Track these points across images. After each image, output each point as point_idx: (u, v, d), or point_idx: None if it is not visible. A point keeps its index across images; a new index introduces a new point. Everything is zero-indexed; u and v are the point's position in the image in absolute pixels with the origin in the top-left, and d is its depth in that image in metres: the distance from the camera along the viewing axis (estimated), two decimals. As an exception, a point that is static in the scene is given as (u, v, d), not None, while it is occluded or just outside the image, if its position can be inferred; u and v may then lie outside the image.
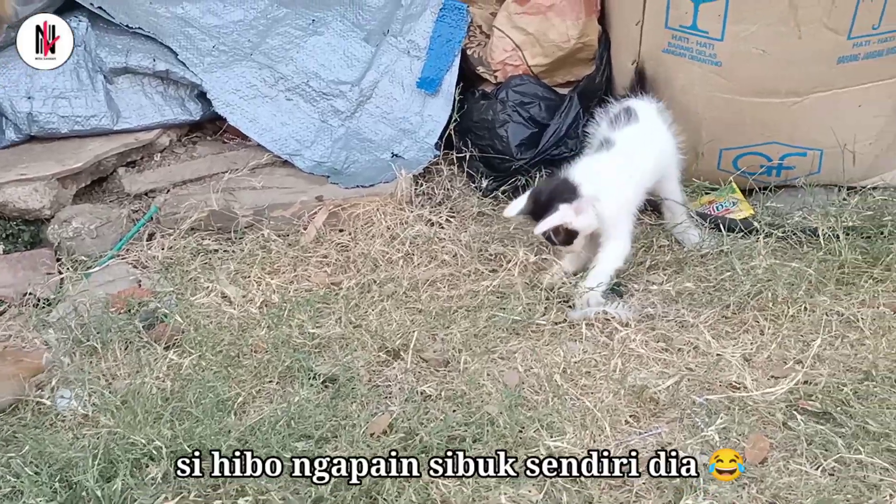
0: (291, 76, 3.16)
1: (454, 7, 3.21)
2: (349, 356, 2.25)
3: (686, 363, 2.18)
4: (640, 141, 2.57)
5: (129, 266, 2.69)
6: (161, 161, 3.07)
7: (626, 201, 2.50)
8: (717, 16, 2.61)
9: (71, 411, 2.10)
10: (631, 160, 2.52)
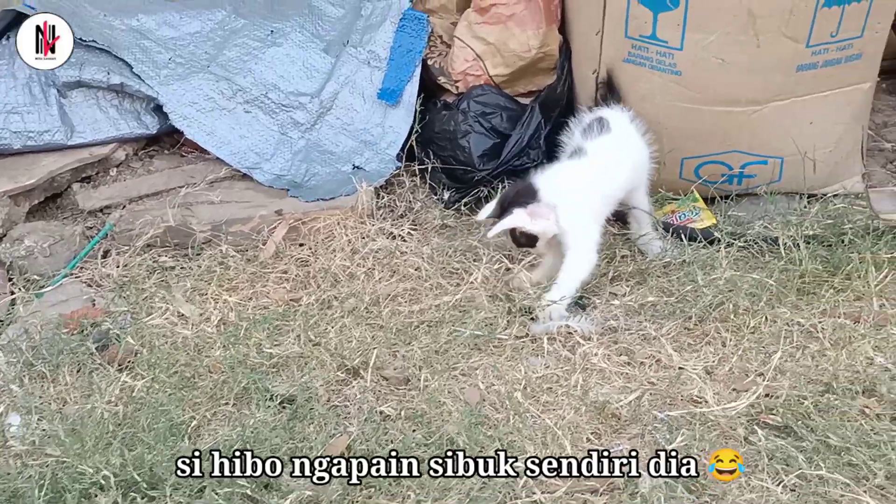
0: (250, 88, 3.12)
1: (414, 17, 3.18)
2: (307, 376, 2.21)
3: (648, 377, 2.16)
4: (613, 152, 2.55)
5: (82, 285, 2.64)
6: (117, 176, 3.01)
7: (592, 211, 2.49)
8: (675, 25, 2.60)
9: (20, 439, 2.04)
10: (601, 171, 2.50)
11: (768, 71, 2.61)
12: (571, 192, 2.46)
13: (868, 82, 2.73)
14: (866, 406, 1.98)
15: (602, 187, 2.51)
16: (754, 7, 2.50)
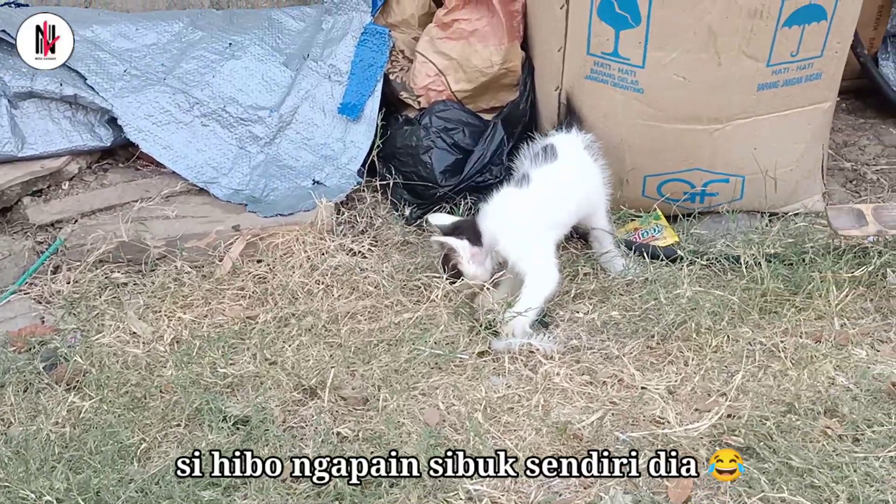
0: (207, 101, 3.06)
1: (376, 31, 3.15)
2: (262, 396, 2.15)
3: (610, 397, 2.13)
4: (559, 179, 2.53)
5: (31, 301, 2.56)
6: (69, 190, 2.94)
7: (538, 238, 2.47)
8: (637, 43, 2.60)
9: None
10: (546, 199, 2.50)
11: (729, 89, 2.62)
12: (515, 221, 2.47)
13: (828, 102, 2.75)
14: (828, 427, 1.96)
15: (548, 215, 2.51)
16: (715, 25, 2.51)
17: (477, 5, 3.03)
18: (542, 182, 2.52)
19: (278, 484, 1.89)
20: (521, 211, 2.49)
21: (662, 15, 2.52)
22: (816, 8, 2.51)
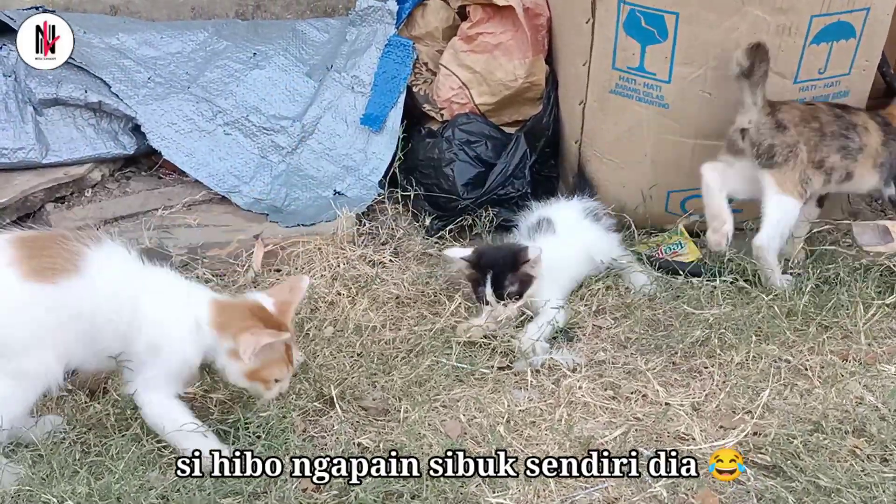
0: (231, 110, 3.07)
1: (399, 43, 3.16)
2: (284, 405, 2.14)
3: (634, 412, 2.12)
4: (554, 255, 2.49)
5: (53, 307, 2.55)
6: (92, 197, 2.95)
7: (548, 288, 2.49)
8: (664, 58, 2.59)
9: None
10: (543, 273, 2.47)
11: (756, 106, 2.60)
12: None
13: (855, 119, 2.73)
14: (856, 446, 1.94)
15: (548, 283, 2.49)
16: (743, 42, 2.49)
17: (502, 19, 3.03)
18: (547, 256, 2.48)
19: (299, 493, 1.87)
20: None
21: (690, 31, 2.52)
22: (845, 26, 2.50)
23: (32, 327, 1.81)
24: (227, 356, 1.96)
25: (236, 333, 1.92)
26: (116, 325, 1.90)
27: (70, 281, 1.83)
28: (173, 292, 2.01)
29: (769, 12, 2.46)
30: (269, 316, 1.99)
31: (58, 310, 1.82)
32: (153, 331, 1.92)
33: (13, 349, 1.80)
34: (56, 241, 1.88)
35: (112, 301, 1.89)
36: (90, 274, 1.86)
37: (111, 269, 1.91)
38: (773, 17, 2.46)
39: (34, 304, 1.81)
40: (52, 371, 1.84)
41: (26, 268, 1.80)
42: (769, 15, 2.46)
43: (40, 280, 1.81)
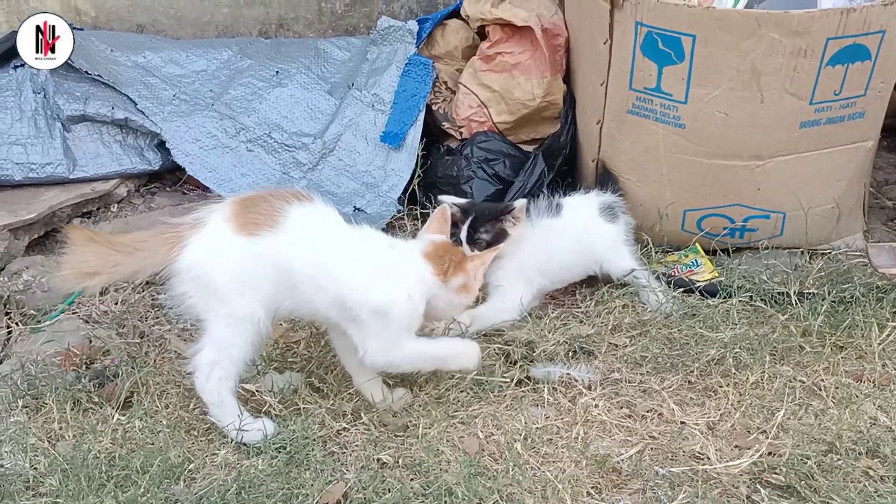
0: (253, 127, 3.13)
1: (420, 62, 3.20)
2: (305, 420, 2.18)
3: (649, 431, 2.14)
4: (552, 236, 2.60)
5: (80, 321, 2.61)
6: (118, 212, 3.01)
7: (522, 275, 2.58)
8: (680, 79, 2.62)
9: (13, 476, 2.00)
10: (537, 249, 2.57)
11: (772, 127, 2.63)
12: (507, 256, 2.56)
13: (870, 140, 2.76)
14: (870, 467, 1.96)
15: (537, 264, 2.59)
16: (758, 64, 2.52)
17: (520, 39, 3.07)
18: (539, 233, 2.60)
19: (322, 507, 1.92)
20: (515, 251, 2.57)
21: (706, 53, 2.55)
22: (860, 48, 2.52)
23: (239, 275, 2.02)
24: (455, 292, 2.14)
25: (462, 268, 2.14)
26: (314, 280, 2.04)
27: (268, 235, 2.01)
28: (383, 255, 2.13)
29: (785, 35, 2.48)
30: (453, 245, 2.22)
31: (257, 261, 2.01)
32: (375, 297, 2.05)
33: (226, 294, 2.03)
34: (265, 199, 2.08)
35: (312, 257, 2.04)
36: (286, 229, 2.02)
37: (310, 225, 2.06)
38: (789, 40, 2.48)
39: (240, 254, 2.02)
40: (258, 316, 2.05)
41: (237, 223, 2.02)
42: (785, 37, 2.48)
43: (245, 233, 2.01)
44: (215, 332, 2.07)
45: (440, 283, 2.13)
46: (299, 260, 2.03)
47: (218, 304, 2.05)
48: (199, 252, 2.04)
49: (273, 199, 2.06)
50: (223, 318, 2.06)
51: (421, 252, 2.15)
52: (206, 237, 2.04)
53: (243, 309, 2.04)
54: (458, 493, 1.93)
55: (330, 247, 2.06)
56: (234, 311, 2.05)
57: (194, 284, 2.05)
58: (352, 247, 2.10)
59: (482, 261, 2.18)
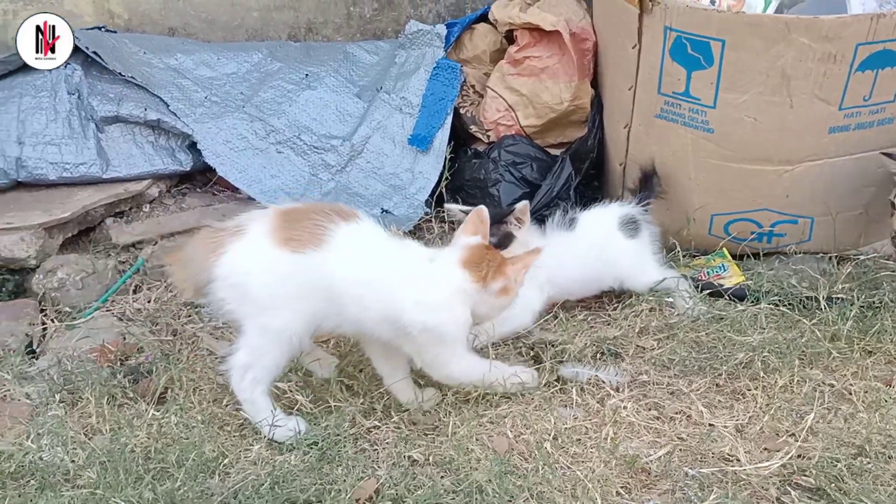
0: (283, 129, 3.16)
1: (448, 66, 3.23)
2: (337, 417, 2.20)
3: (678, 432, 2.15)
4: (562, 250, 2.58)
5: (114, 318, 2.65)
6: (150, 212, 3.05)
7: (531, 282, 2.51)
8: (709, 84, 2.63)
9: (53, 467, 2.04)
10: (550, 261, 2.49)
11: (800, 132, 2.64)
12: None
13: (899, 146, 2.76)
14: (900, 471, 1.97)
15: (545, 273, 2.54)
16: (788, 69, 2.53)
17: (548, 43, 3.09)
18: (552, 244, 2.55)
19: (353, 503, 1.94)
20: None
21: (735, 57, 2.56)
22: (890, 54, 2.52)
23: (276, 289, 2.03)
24: (496, 296, 2.13)
25: (500, 272, 2.12)
26: (362, 301, 2.06)
27: (312, 253, 2.02)
28: (426, 272, 2.13)
29: (815, 40, 2.49)
30: (489, 248, 2.20)
31: (298, 278, 2.03)
32: (424, 318, 2.06)
33: (262, 305, 2.04)
34: (309, 215, 2.08)
35: (358, 278, 2.05)
36: (332, 249, 2.03)
37: (355, 245, 2.07)
38: (819, 45, 2.49)
39: (279, 269, 2.03)
40: (293, 331, 2.06)
41: (279, 236, 2.03)
42: (815, 42, 2.49)
43: (288, 249, 2.02)
44: (250, 339, 2.10)
45: (480, 290, 2.13)
46: (345, 281, 2.04)
47: (254, 313, 2.07)
48: (237, 260, 2.05)
49: (317, 216, 2.06)
50: (258, 328, 2.08)
51: (458, 261, 2.13)
52: (245, 246, 2.05)
53: (279, 322, 2.06)
54: (489, 491, 1.95)
55: (376, 267, 2.07)
56: (268, 323, 2.06)
57: (231, 292, 2.07)
58: (397, 266, 2.10)
59: (524, 264, 2.16)
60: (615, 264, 2.64)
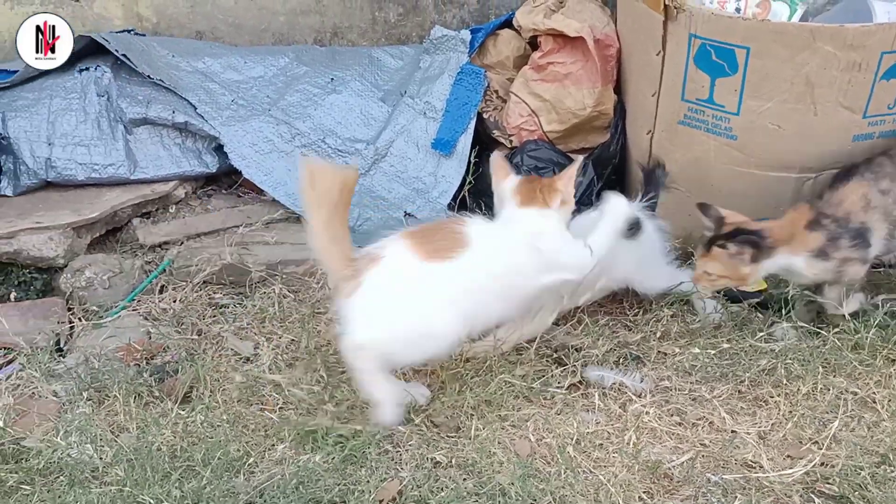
0: (308, 132, 3.19)
1: (472, 71, 3.25)
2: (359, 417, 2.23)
3: (700, 439, 2.16)
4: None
5: (140, 318, 2.69)
6: (176, 213, 3.09)
7: None
8: (733, 91, 2.64)
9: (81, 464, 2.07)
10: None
11: (824, 139, 2.64)
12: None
13: (924, 154, 2.75)
14: (924, 480, 1.96)
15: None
16: (812, 76, 2.53)
17: (572, 49, 3.11)
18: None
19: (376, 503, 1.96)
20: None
21: (760, 65, 2.56)
22: (916, 62, 2.53)
23: (433, 298, 2.16)
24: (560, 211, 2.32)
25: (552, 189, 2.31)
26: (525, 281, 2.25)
27: (463, 255, 2.18)
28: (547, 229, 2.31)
29: (840, 48, 2.49)
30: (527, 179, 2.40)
31: (454, 281, 2.16)
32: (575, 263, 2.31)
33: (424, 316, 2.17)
34: (437, 227, 2.32)
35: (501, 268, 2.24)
36: (476, 248, 2.20)
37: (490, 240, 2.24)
38: (844, 53, 2.49)
39: (432, 279, 2.16)
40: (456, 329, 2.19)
41: (423, 251, 2.17)
42: (840, 51, 2.49)
43: (437, 260, 2.17)
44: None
45: (551, 212, 2.29)
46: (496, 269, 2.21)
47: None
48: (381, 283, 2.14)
49: (446, 226, 2.29)
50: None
51: (519, 206, 2.32)
52: (387, 268, 2.14)
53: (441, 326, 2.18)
54: (512, 493, 1.96)
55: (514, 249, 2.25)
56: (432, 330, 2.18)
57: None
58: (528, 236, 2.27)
59: (568, 175, 2.32)
60: (615, 268, 2.54)
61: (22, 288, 2.78)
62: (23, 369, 2.46)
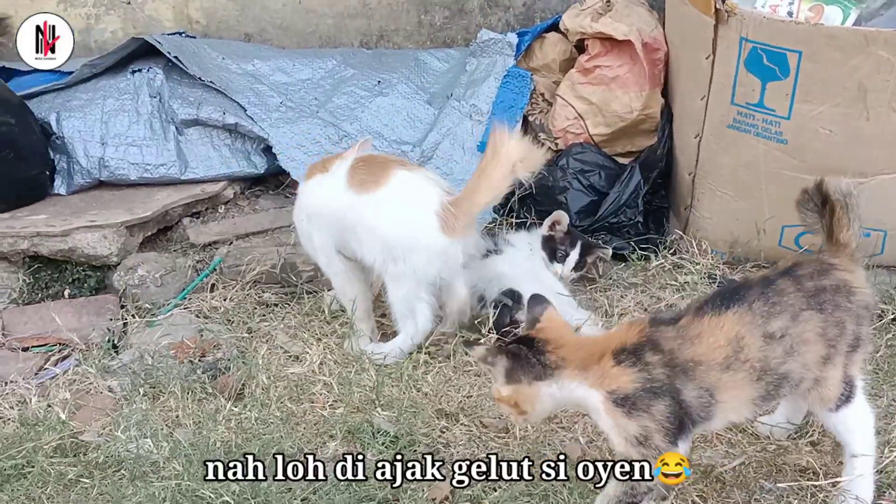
0: (355, 134, 3.22)
1: (518, 74, 3.26)
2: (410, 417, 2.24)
3: (753, 444, 2.15)
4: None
5: (191, 315, 2.72)
6: (225, 213, 3.13)
7: None
8: (784, 95, 2.63)
9: (140, 459, 2.11)
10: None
11: (876, 144, 2.62)
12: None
13: (975, 160, 2.72)
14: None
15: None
16: (865, 81, 2.52)
17: (619, 53, 3.11)
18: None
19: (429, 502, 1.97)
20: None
21: (812, 69, 2.55)
22: (969, 67, 2.50)
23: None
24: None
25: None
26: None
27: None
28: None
29: (893, 53, 2.47)
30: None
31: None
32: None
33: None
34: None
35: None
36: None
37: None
38: (897, 58, 2.48)
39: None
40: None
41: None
42: (893, 55, 2.47)
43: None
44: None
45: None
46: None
47: None
48: None
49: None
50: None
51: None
52: None
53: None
54: (564, 494, 1.97)
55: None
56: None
57: None
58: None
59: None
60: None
61: (76, 285, 2.83)
62: (79, 365, 2.50)
